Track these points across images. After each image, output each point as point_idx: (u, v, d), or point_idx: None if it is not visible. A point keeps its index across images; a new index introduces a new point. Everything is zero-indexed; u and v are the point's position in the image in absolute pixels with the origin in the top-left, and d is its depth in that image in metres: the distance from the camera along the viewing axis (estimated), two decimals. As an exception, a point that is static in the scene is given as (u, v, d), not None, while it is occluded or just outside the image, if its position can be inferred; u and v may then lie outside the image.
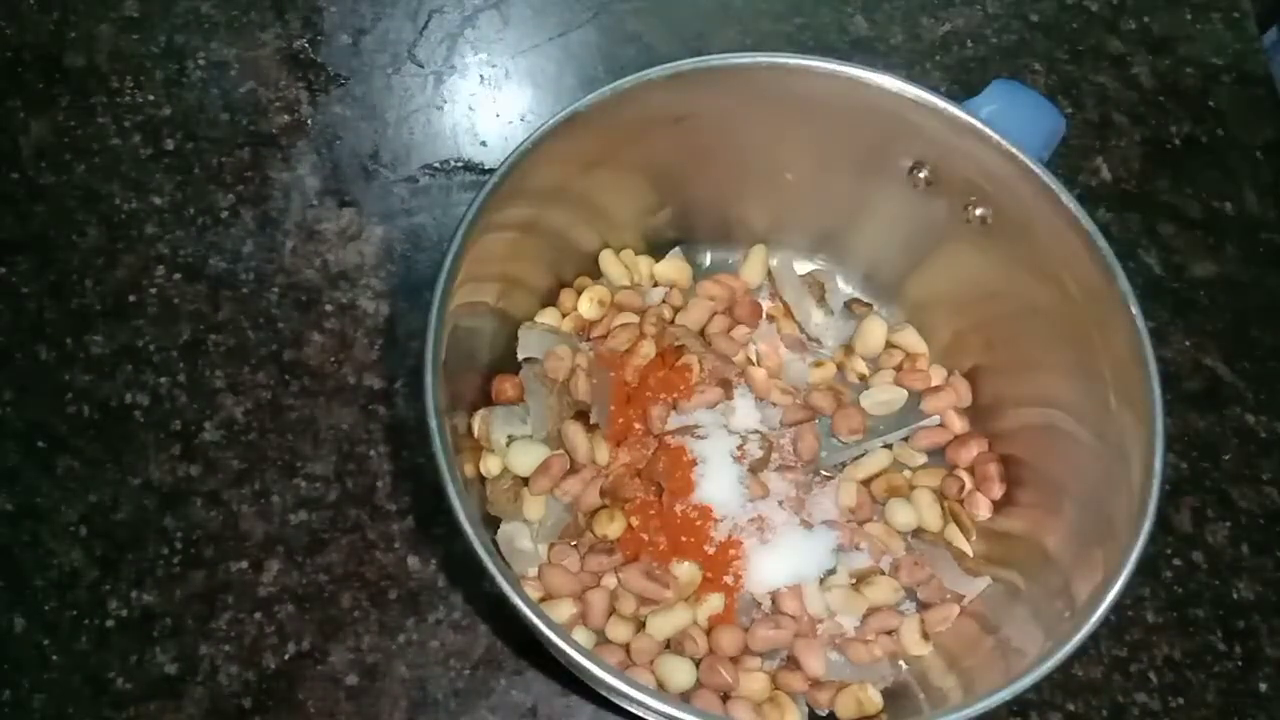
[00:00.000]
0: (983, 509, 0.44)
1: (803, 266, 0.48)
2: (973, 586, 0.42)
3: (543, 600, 0.40)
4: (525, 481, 0.42)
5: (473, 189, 0.48)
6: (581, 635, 0.40)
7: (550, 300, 0.46)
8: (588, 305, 0.45)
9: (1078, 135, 0.56)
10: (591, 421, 0.43)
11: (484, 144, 0.54)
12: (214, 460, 0.46)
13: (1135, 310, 0.37)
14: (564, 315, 0.46)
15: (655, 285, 0.47)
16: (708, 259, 0.49)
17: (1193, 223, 0.55)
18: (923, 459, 0.46)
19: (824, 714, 0.41)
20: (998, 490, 0.44)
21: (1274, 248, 0.55)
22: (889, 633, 0.42)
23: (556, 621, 0.34)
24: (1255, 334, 0.53)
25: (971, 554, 0.43)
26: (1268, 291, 0.54)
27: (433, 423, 0.34)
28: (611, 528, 0.41)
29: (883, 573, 0.43)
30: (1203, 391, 0.51)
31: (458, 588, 0.44)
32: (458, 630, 0.44)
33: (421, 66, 0.56)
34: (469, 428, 0.42)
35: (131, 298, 0.49)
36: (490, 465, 0.42)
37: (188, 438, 0.46)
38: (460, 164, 0.53)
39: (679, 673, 0.39)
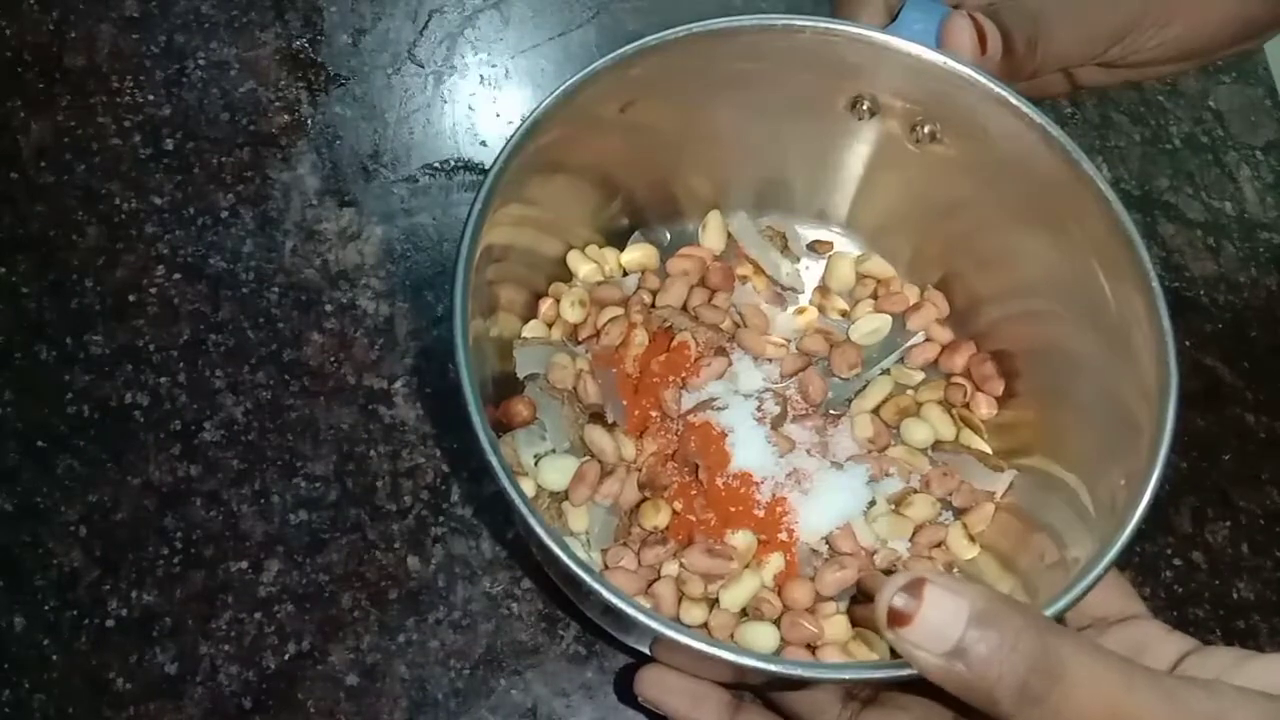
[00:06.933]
0: (988, 407, 0.45)
1: (759, 221, 0.49)
2: (1000, 481, 0.43)
3: None
4: (564, 495, 0.42)
5: (473, 189, 0.48)
6: None
7: (528, 315, 0.46)
8: (570, 308, 0.45)
9: (1078, 135, 0.56)
10: (609, 421, 0.43)
11: (484, 144, 0.54)
12: (214, 460, 0.46)
13: (1107, 191, 0.37)
14: (549, 325, 0.45)
15: (626, 274, 0.48)
16: (666, 236, 0.49)
17: (1193, 223, 0.55)
18: (921, 375, 0.47)
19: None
20: (998, 386, 0.45)
21: (1274, 248, 0.55)
22: (938, 545, 0.43)
23: None
24: (1255, 334, 0.53)
25: (991, 451, 0.45)
26: (1268, 291, 0.54)
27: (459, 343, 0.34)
28: (658, 518, 0.42)
29: (916, 490, 0.44)
30: (1203, 391, 0.51)
31: (458, 588, 0.44)
32: (458, 630, 0.44)
33: (421, 66, 0.56)
34: None
35: (131, 298, 0.49)
36: (525, 490, 0.41)
37: (188, 438, 0.46)
38: (460, 164, 0.53)
39: (762, 637, 0.40)
